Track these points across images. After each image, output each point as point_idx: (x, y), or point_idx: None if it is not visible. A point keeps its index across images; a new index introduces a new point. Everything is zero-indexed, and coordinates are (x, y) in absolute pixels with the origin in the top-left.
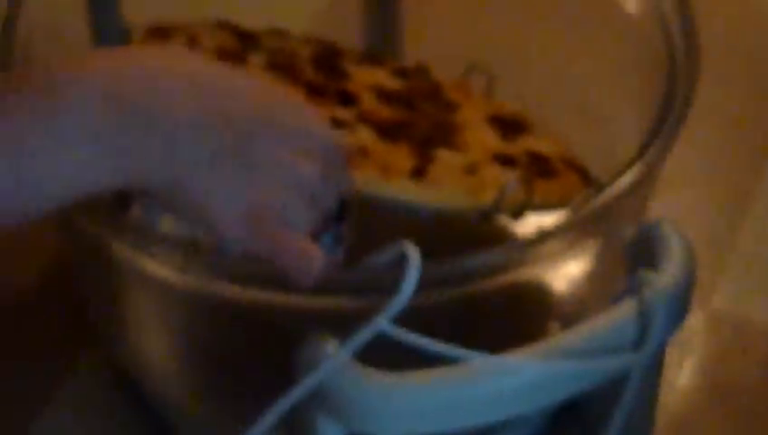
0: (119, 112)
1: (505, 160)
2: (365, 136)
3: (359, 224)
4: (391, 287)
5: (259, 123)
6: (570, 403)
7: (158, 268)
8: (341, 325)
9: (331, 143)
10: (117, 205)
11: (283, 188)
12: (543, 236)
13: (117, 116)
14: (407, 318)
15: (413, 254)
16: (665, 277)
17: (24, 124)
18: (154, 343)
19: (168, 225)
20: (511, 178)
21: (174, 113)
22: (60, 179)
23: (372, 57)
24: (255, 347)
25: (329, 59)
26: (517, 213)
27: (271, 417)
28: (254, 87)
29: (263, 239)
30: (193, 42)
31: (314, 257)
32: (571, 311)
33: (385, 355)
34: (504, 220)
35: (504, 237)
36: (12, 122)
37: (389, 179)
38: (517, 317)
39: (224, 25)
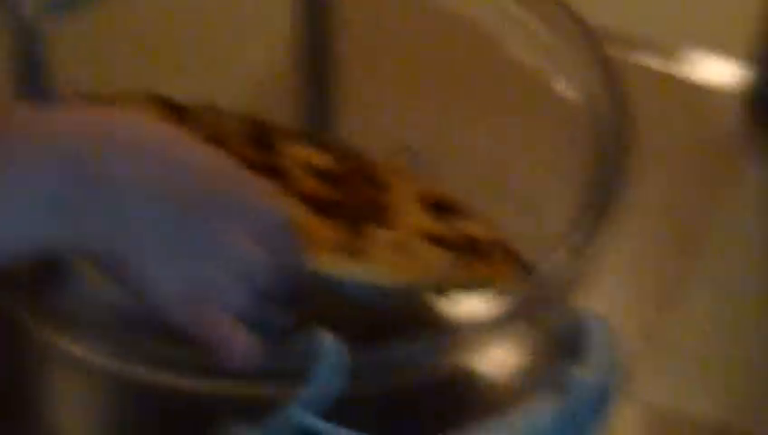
0: (72, 177)
1: (437, 240)
2: (294, 211)
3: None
4: (304, 377)
5: (208, 202)
6: None
7: (75, 349)
8: (256, 411)
9: (281, 223)
10: (38, 281)
11: (224, 270)
12: (469, 321)
13: (70, 180)
14: (332, 407)
15: (328, 345)
16: (589, 371)
17: None
18: (67, 424)
19: (89, 305)
20: (442, 256)
21: (125, 184)
22: (4, 234)
23: (304, 136)
24: (172, 432)
25: (261, 135)
26: (446, 292)
27: None
28: (208, 163)
29: (193, 319)
30: None
31: (240, 344)
32: (496, 400)
33: None
34: (433, 299)
35: (432, 316)
36: None
37: (319, 254)
38: (442, 406)
39: (155, 99)
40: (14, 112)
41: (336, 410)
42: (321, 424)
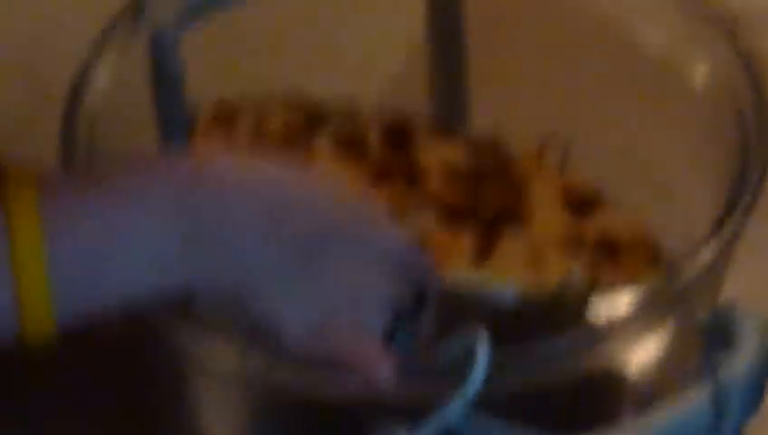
0: (190, 227)
1: (573, 243)
2: (429, 220)
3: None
4: (461, 376)
5: (326, 240)
6: None
7: (220, 358)
8: (411, 412)
9: (405, 251)
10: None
11: (351, 303)
12: (615, 319)
13: (188, 230)
14: (478, 405)
15: (483, 342)
16: (740, 360)
17: (96, 228)
18: (219, 433)
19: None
20: (576, 265)
21: (244, 232)
22: (126, 283)
23: (443, 129)
24: None
25: (398, 133)
26: (582, 300)
27: None
28: (323, 200)
29: (326, 351)
30: (259, 121)
31: (381, 366)
32: (645, 394)
33: None
34: (570, 307)
35: (571, 323)
36: (85, 226)
37: (451, 265)
38: (590, 402)
39: (292, 99)
40: (117, 163)
41: (482, 409)
42: (479, 423)
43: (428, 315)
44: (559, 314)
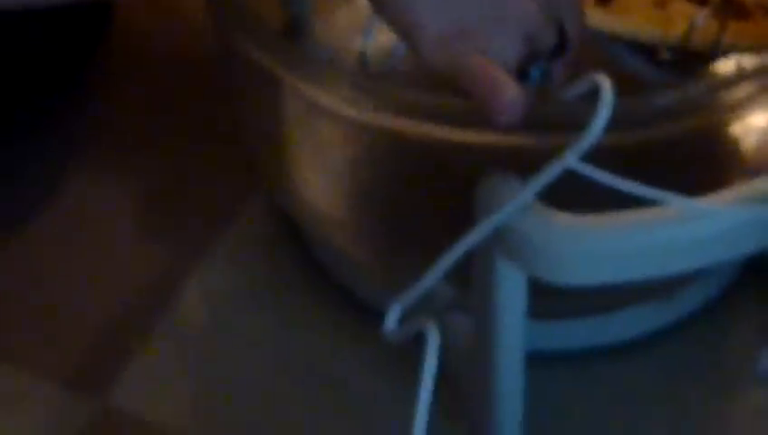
0: None
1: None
2: None
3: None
4: (582, 121)
5: None
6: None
7: (327, 99)
8: (517, 165)
9: None
10: (286, 35)
11: (494, 20)
12: (735, 77)
13: None
14: (589, 160)
15: (606, 86)
16: None
17: None
18: (320, 183)
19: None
20: (700, 17)
21: None
22: None
23: None
24: (429, 188)
25: None
26: (706, 52)
27: (446, 262)
28: None
29: (459, 62)
30: None
31: (509, 91)
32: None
33: (561, 201)
34: (691, 59)
35: (691, 74)
36: None
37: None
38: (703, 164)
39: None
40: None
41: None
42: (597, 173)
43: (566, 58)
44: (680, 63)
